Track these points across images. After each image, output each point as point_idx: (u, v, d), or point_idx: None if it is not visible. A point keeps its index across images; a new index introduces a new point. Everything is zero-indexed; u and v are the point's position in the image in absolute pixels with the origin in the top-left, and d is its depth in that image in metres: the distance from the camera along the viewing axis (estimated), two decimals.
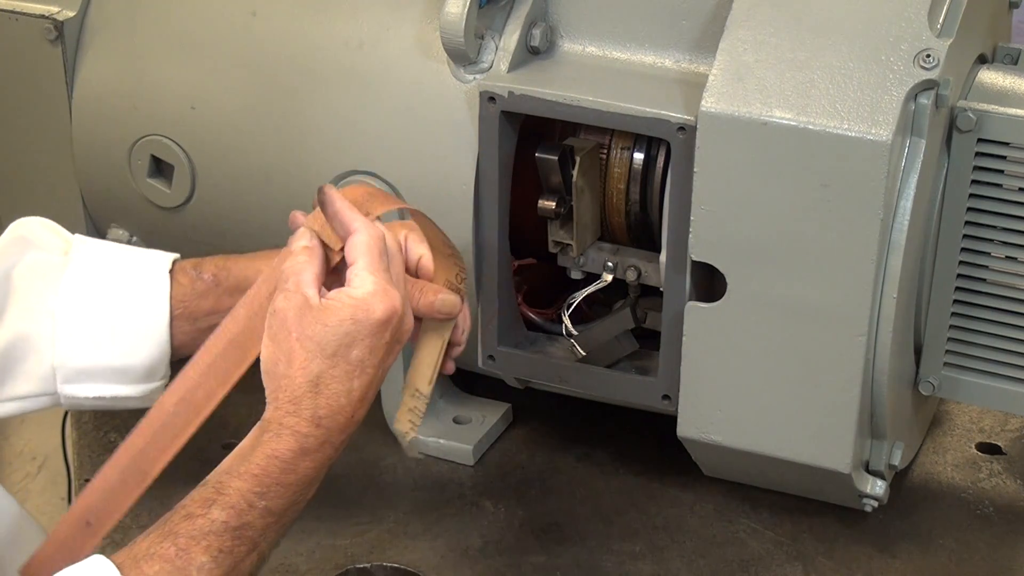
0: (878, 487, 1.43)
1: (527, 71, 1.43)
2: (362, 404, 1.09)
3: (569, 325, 1.50)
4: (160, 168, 1.63)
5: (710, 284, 1.38)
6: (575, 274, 1.50)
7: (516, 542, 1.48)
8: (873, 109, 1.26)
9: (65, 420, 1.71)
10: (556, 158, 1.41)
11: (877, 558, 1.45)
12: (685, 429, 1.43)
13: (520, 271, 1.54)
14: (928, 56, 1.27)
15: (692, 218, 1.33)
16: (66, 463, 1.66)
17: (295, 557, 1.43)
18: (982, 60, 1.46)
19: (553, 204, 1.44)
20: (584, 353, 1.50)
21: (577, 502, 1.54)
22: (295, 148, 1.54)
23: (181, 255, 1.35)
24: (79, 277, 1.29)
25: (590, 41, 1.46)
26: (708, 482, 1.53)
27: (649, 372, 1.48)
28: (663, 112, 1.35)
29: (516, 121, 1.43)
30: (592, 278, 1.49)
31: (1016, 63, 1.50)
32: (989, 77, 1.42)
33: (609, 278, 1.48)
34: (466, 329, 1.27)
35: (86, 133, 1.65)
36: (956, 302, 1.42)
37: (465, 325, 1.26)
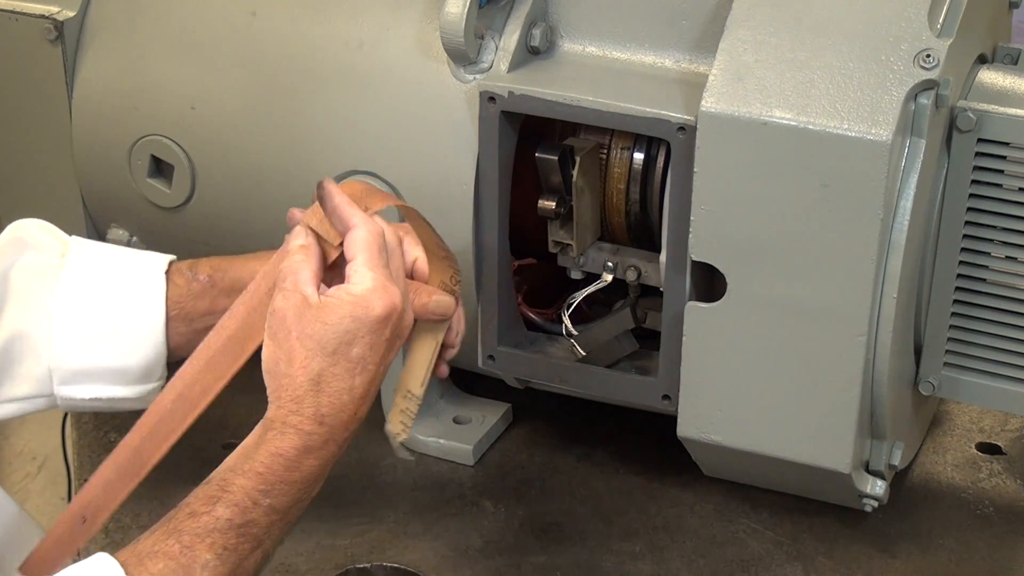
0: (878, 487, 1.43)
1: (527, 71, 1.43)
2: (364, 401, 1.09)
3: (569, 325, 1.50)
4: (160, 168, 1.63)
5: (710, 284, 1.38)
6: (575, 274, 1.50)
7: (516, 542, 1.48)
8: (873, 109, 1.26)
9: (65, 420, 1.71)
10: (556, 158, 1.41)
11: (877, 558, 1.45)
12: (685, 429, 1.43)
13: (520, 271, 1.54)
14: (928, 56, 1.27)
15: (692, 218, 1.33)
16: (66, 463, 1.67)
17: (295, 557, 1.43)
18: (982, 60, 1.46)
19: (553, 204, 1.44)
20: (584, 353, 1.50)
21: (577, 502, 1.54)
22: (295, 148, 1.54)
23: (181, 255, 1.35)
24: (76, 279, 1.29)
25: (590, 41, 1.46)
26: (708, 482, 1.53)
27: (649, 372, 1.48)
28: (663, 112, 1.35)
29: (516, 121, 1.43)
30: (592, 278, 1.49)
31: (1016, 63, 1.50)
32: (989, 77, 1.42)
33: (609, 278, 1.48)
34: (460, 331, 1.27)
35: (86, 133, 1.65)
36: (956, 302, 1.42)
37: (459, 327, 1.26)
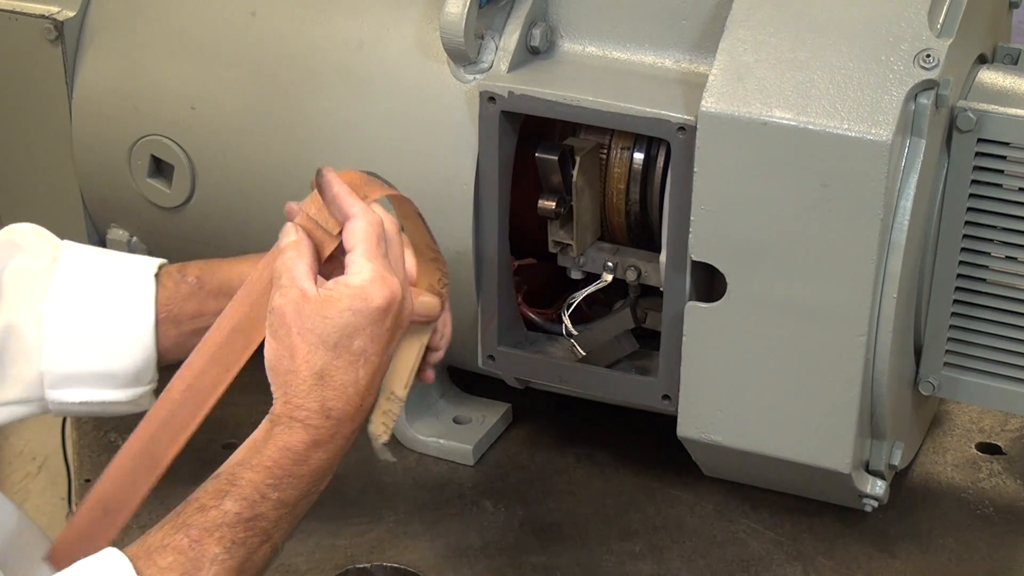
0: (878, 487, 1.43)
1: (527, 71, 1.43)
2: (369, 392, 1.09)
3: (569, 325, 1.50)
4: (160, 168, 1.63)
5: (710, 284, 1.38)
6: (575, 274, 1.50)
7: (516, 542, 1.48)
8: (873, 109, 1.26)
9: (65, 421, 1.71)
10: (556, 158, 1.41)
11: (877, 558, 1.45)
12: (685, 429, 1.43)
13: (520, 271, 1.54)
14: (928, 56, 1.27)
15: (692, 218, 1.33)
16: (66, 463, 1.67)
17: (295, 557, 1.43)
18: (982, 60, 1.46)
19: (553, 204, 1.44)
20: (584, 353, 1.50)
21: (577, 502, 1.54)
22: (295, 148, 1.54)
23: (181, 255, 1.35)
24: (67, 282, 1.29)
25: (590, 41, 1.46)
26: (708, 482, 1.53)
27: (649, 372, 1.48)
28: (663, 112, 1.35)
29: (516, 121, 1.43)
30: (592, 278, 1.49)
31: (1016, 63, 1.50)
32: (989, 77, 1.42)
33: (609, 278, 1.48)
34: (445, 335, 1.27)
35: (86, 133, 1.65)
36: (956, 302, 1.42)
37: (444, 331, 1.26)
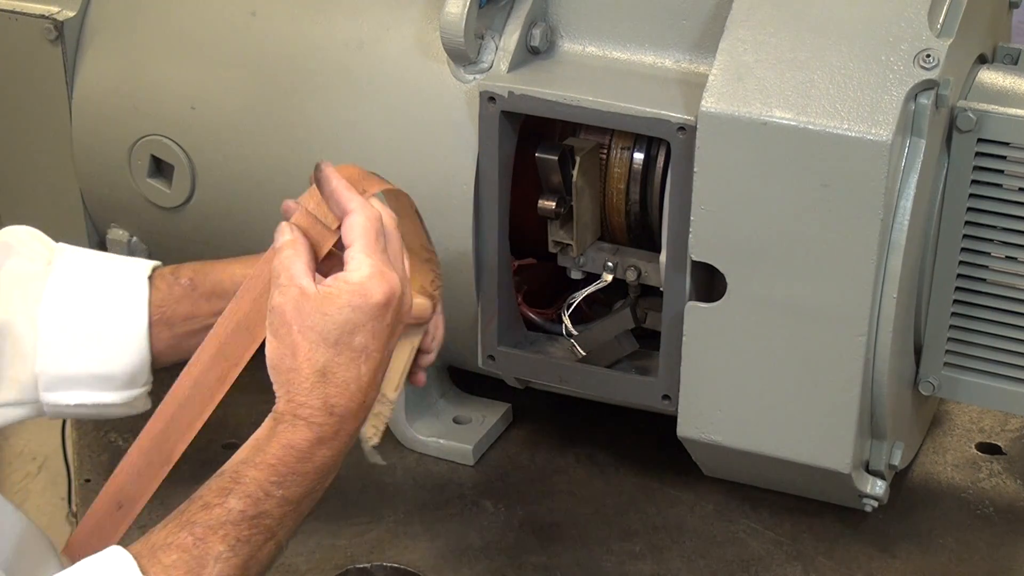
0: (878, 487, 1.43)
1: (527, 71, 1.43)
2: (372, 388, 1.09)
3: (569, 325, 1.50)
4: (160, 168, 1.63)
5: (710, 284, 1.38)
6: (575, 274, 1.50)
7: (516, 542, 1.48)
8: (873, 109, 1.26)
9: (65, 421, 1.71)
10: (556, 158, 1.41)
11: (877, 558, 1.45)
12: (685, 429, 1.43)
13: (520, 271, 1.54)
14: (928, 56, 1.27)
15: (692, 218, 1.33)
16: (66, 463, 1.67)
17: (295, 557, 1.43)
18: (982, 60, 1.46)
19: (553, 204, 1.44)
20: (584, 353, 1.50)
21: (577, 502, 1.54)
22: (295, 148, 1.54)
23: (181, 255, 1.35)
24: (61, 285, 1.29)
25: (590, 41, 1.46)
26: (708, 482, 1.53)
27: (649, 372, 1.48)
28: (663, 112, 1.35)
29: (516, 121, 1.43)
30: (592, 278, 1.49)
31: (1016, 63, 1.50)
32: (989, 77, 1.42)
33: (609, 278, 1.48)
34: (437, 337, 1.27)
35: (86, 133, 1.65)
36: (956, 302, 1.42)
37: (436, 333, 1.26)
